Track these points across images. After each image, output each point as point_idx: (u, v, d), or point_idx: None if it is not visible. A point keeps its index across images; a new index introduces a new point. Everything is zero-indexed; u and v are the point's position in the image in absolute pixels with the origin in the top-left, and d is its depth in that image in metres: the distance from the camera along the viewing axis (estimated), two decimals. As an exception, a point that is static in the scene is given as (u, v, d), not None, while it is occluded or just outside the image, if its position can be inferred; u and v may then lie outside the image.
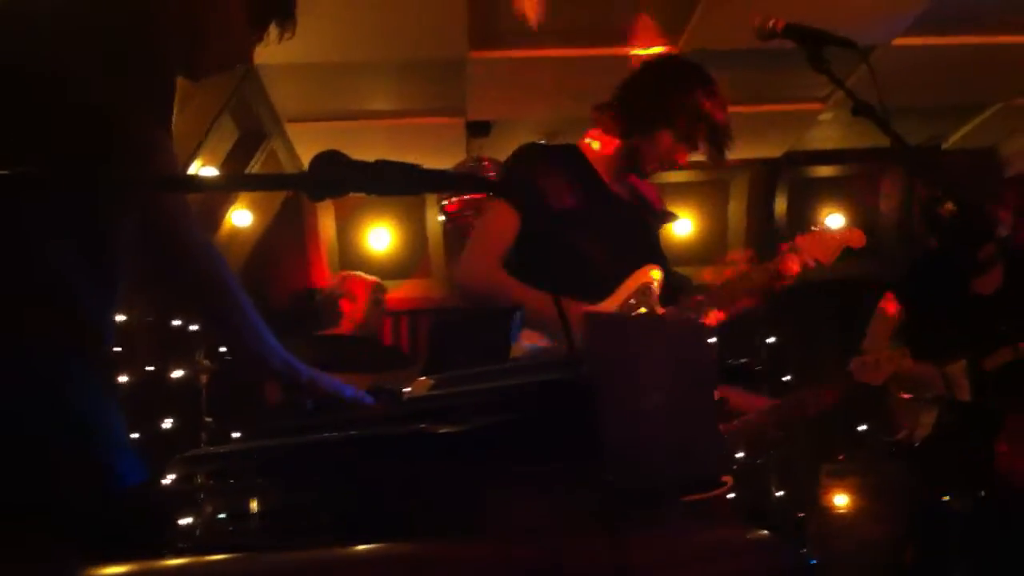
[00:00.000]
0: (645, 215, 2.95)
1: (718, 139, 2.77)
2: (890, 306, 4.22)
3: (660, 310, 2.74)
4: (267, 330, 1.65)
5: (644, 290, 2.71)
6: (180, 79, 1.74)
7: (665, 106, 2.73)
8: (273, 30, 1.86)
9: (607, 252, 2.68)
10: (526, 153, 2.76)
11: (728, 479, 2.95)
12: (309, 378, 1.68)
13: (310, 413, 1.72)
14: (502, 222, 2.70)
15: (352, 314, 4.71)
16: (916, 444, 3.98)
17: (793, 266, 2.87)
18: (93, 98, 1.53)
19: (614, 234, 2.73)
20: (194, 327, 5.09)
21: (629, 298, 2.69)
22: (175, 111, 1.64)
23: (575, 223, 2.68)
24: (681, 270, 5.99)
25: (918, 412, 3.97)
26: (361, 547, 1.20)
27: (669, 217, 4.00)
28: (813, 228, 3.08)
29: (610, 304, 2.67)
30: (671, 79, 2.78)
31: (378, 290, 4.82)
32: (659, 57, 2.90)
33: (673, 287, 2.86)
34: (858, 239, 3.10)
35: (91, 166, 1.51)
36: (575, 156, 2.81)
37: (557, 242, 2.70)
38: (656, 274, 2.75)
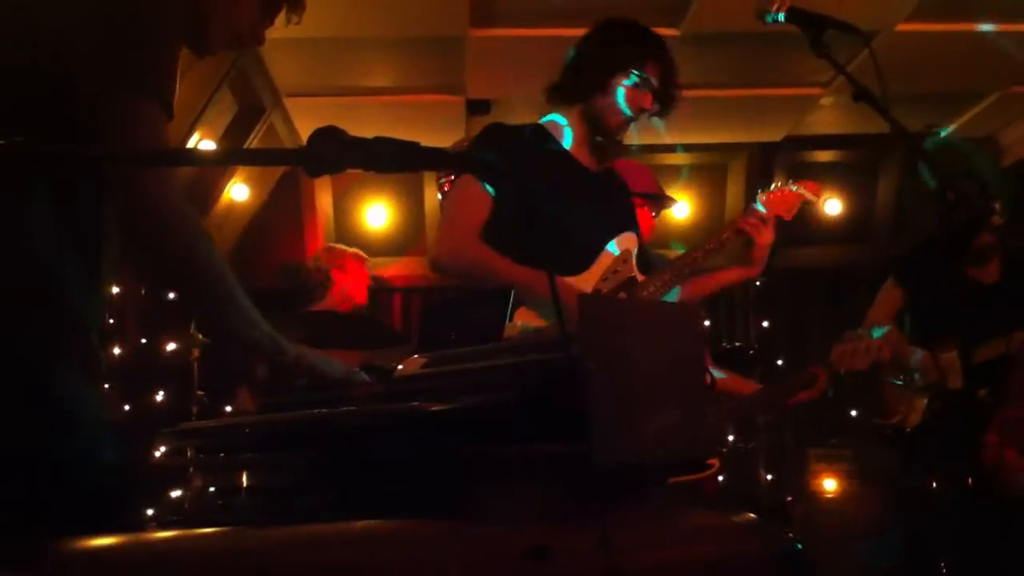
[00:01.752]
0: (616, 186, 2.94)
1: (672, 81, 2.76)
2: (892, 290, 4.22)
3: (640, 276, 2.75)
4: (253, 308, 1.61)
5: (624, 256, 2.72)
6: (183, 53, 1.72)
7: (613, 53, 2.72)
8: (281, 13, 1.85)
9: (580, 223, 2.68)
10: (491, 133, 2.75)
11: (714, 462, 2.97)
12: (296, 356, 1.64)
13: (303, 389, 1.70)
14: (474, 197, 2.63)
15: (343, 285, 4.71)
16: (908, 430, 3.99)
17: (754, 225, 2.88)
18: (73, 67, 1.52)
19: (585, 204, 2.73)
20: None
21: (610, 265, 2.69)
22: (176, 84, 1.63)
23: (548, 196, 2.66)
24: (679, 253, 5.97)
25: (912, 398, 3.97)
26: (348, 524, 1.20)
27: (665, 201, 3.99)
28: (773, 186, 3.11)
29: (592, 274, 2.68)
30: (615, 32, 2.78)
31: (365, 261, 4.83)
32: (595, 25, 2.88)
33: (646, 263, 2.88)
34: (813, 190, 3.16)
35: (73, 141, 1.50)
36: (540, 133, 2.81)
37: (532, 216, 2.65)
38: (633, 241, 2.76)
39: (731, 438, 5.18)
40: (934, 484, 3.79)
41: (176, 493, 4.17)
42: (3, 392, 1.47)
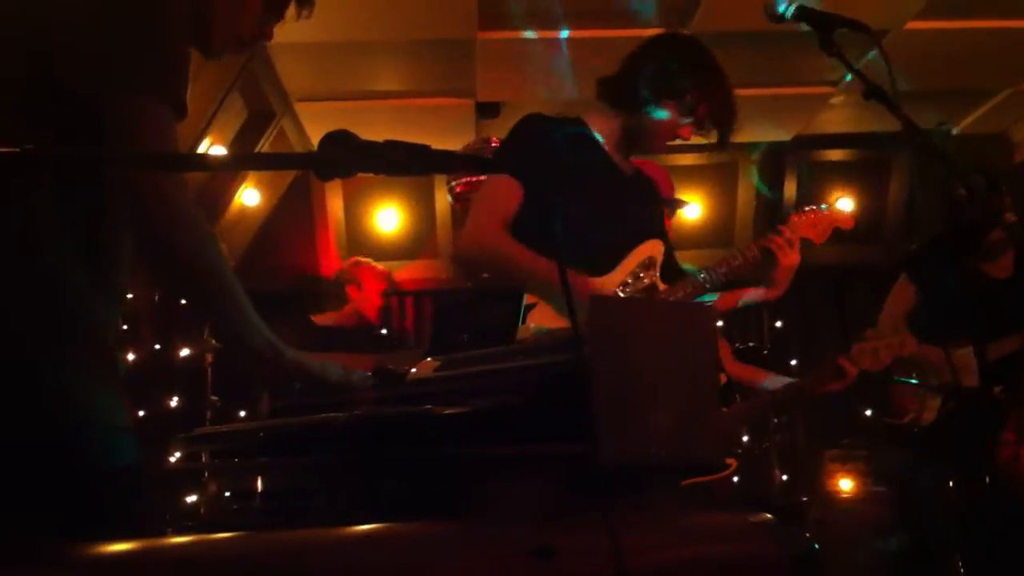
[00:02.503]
0: (648, 192, 2.93)
1: (723, 119, 2.74)
2: (905, 288, 4.20)
3: (661, 285, 2.74)
4: (253, 312, 1.60)
5: (648, 263, 2.71)
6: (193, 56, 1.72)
7: (669, 79, 2.70)
8: (290, 10, 1.84)
9: (609, 224, 2.67)
10: (531, 123, 2.73)
11: (732, 462, 2.95)
12: (294, 360, 1.62)
13: (300, 393, 1.68)
14: (505, 189, 2.63)
15: (359, 302, 4.70)
16: (922, 428, 3.96)
17: (785, 250, 2.85)
18: (79, 68, 1.53)
19: (616, 207, 2.71)
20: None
21: (634, 270, 2.69)
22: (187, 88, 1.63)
23: (578, 194, 2.65)
24: (689, 253, 5.99)
25: (925, 396, 3.95)
26: (361, 527, 1.20)
27: (678, 203, 3.97)
28: (806, 208, 3.08)
29: (614, 277, 2.67)
30: (677, 53, 2.75)
31: (388, 281, 4.82)
32: (666, 33, 2.86)
33: (672, 271, 2.86)
34: (846, 221, 3.12)
35: (80, 143, 1.50)
36: (579, 128, 2.79)
37: (559, 213, 2.62)
38: (659, 249, 2.75)
39: (745, 439, 5.17)
40: (950, 484, 3.76)
41: (191, 498, 4.18)
42: (12, 395, 1.48)
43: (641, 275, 2.69)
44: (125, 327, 4.87)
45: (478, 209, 2.69)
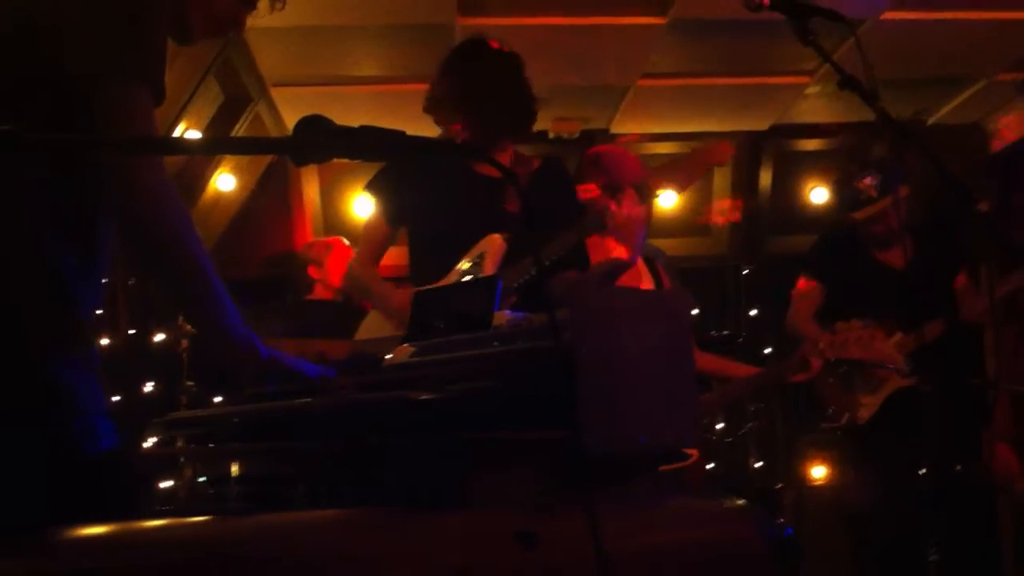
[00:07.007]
0: (495, 189, 2.90)
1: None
2: (808, 287, 4.23)
3: (489, 271, 2.74)
4: (231, 304, 1.61)
5: (479, 258, 2.73)
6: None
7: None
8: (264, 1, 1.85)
9: (455, 223, 2.80)
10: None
11: (694, 452, 2.99)
12: (269, 357, 1.64)
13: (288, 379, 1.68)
14: (370, 223, 3.13)
15: (324, 279, 4.72)
16: (858, 428, 3.99)
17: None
18: (67, 53, 1.52)
19: (464, 207, 2.85)
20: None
21: (469, 267, 2.72)
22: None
23: (435, 208, 2.88)
24: (666, 241, 6.01)
25: (856, 395, 3.97)
26: (338, 512, 1.20)
27: (652, 190, 3.98)
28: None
29: (451, 276, 2.72)
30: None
31: (336, 246, 4.85)
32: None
33: (518, 251, 2.81)
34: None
35: (67, 128, 1.49)
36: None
37: (420, 229, 3.00)
38: (495, 243, 2.74)
39: (721, 425, 5.20)
40: (924, 470, 3.79)
41: (167, 483, 4.16)
42: (7, 384, 1.47)
43: (472, 270, 2.72)
44: (100, 312, 4.84)
45: (359, 245, 3.16)
